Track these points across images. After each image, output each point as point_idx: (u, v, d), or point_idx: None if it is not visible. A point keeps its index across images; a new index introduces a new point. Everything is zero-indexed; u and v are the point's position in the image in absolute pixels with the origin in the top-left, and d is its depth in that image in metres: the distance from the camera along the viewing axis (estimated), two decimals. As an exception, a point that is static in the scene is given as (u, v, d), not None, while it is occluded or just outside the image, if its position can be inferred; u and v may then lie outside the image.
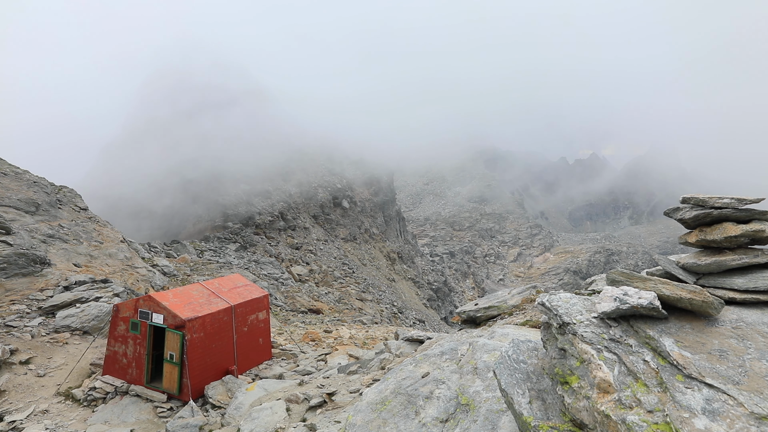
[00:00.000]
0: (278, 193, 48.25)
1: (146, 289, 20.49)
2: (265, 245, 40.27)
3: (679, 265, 3.93)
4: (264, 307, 13.94)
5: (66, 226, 20.55)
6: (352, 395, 8.70)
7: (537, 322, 7.56)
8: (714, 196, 3.72)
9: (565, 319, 3.58)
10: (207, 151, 46.47)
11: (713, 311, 3.30)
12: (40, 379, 11.79)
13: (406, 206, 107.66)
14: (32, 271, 15.92)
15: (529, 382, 3.77)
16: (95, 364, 12.48)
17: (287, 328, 20.75)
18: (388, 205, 64.15)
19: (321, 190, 53.57)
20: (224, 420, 9.48)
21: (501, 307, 9.40)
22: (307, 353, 15.18)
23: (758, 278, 3.54)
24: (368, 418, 5.23)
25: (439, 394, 5.27)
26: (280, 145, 55.23)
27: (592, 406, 3.02)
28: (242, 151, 49.68)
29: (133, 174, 41.61)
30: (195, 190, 42.33)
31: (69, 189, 24.55)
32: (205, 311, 11.64)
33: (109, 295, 15.73)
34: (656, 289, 3.44)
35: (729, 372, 2.88)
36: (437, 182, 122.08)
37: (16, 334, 13.01)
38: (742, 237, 3.56)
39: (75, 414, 10.76)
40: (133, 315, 11.58)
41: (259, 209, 43.82)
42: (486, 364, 5.57)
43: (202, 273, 28.29)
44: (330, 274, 41.38)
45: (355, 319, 29.06)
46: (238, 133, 51.24)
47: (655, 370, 3.01)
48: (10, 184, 20.34)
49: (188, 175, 43.06)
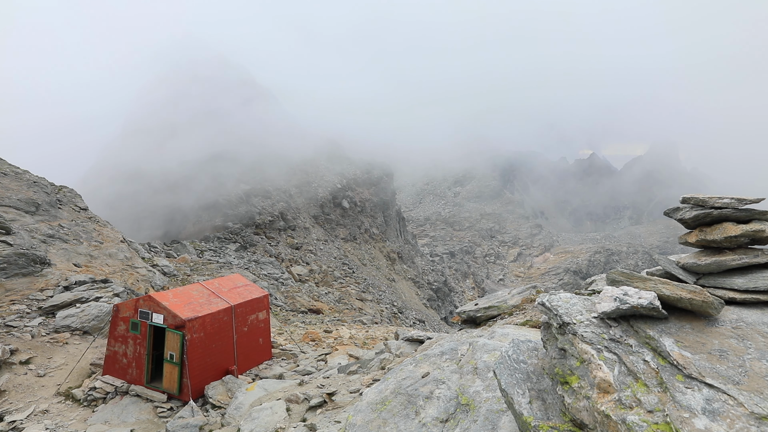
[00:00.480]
0: (278, 193, 48.25)
1: (146, 289, 20.50)
2: (265, 245, 40.27)
3: (679, 265, 3.93)
4: (264, 307, 13.94)
5: (66, 226, 20.55)
6: (352, 395, 8.70)
7: (537, 322, 7.56)
8: (714, 196, 3.72)
9: (565, 319, 3.58)
10: (207, 151, 46.47)
11: (713, 311, 3.30)
12: (40, 379, 11.80)
13: (406, 206, 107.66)
14: (32, 271, 15.92)
15: (529, 382, 3.77)
16: (95, 364, 12.48)
17: (287, 328, 20.75)
18: (388, 205, 64.16)
19: (321, 190, 53.58)
20: (224, 420, 9.49)
21: (501, 307, 9.40)
22: (307, 353, 15.18)
23: (758, 278, 3.54)
24: (368, 418, 5.23)
25: (439, 394, 5.27)
26: (280, 145, 55.24)
27: (592, 406, 3.02)
28: (242, 151, 49.69)
29: (133, 174, 41.62)
30: (195, 189, 42.33)
31: (69, 189, 24.55)
32: (205, 311, 11.64)
33: (109, 295, 15.73)
34: (656, 289, 3.44)
35: (729, 372, 2.88)
36: (437, 182, 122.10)
37: (16, 334, 13.01)
38: (742, 237, 3.56)
39: (75, 414, 10.76)
40: (133, 315, 11.58)
41: (259, 209, 43.82)
42: (486, 364, 5.57)
43: (202, 273, 28.29)
44: (330, 274, 41.38)
45: (355, 319, 29.06)
46: (239, 133, 51.24)
47: (655, 370, 3.01)
48: (10, 184, 20.34)
49: (188, 175, 43.07)
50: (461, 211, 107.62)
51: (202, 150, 46.12)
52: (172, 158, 43.72)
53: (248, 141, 51.22)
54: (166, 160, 43.38)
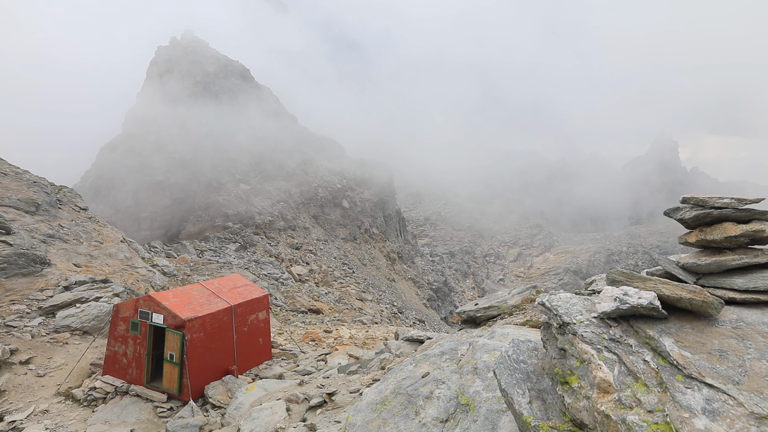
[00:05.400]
0: (278, 193, 48.27)
1: (146, 289, 20.50)
2: (265, 245, 40.28)
3: (679, 265, 3.93)
4: (264, 307, 13.94)
5: (66, 226, 20.55)
6: (352, 395, 8.70)
7: (537, 322, 7.56)
8: (714, 196, 3.72)
9: (565, 319, 3.58)
10: (207, 150, 46.47)
11: (713, 311, 3.30)
12: (40, 379, 11.80)
13: (406, 206, 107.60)
14: (32, 271, 15.92)
15: (529, 382, 3.77)
16: (95, 364, 12.48)
17: (287, 328, 20.76)
18: (388, 205, 64.12)
19: (321, 190, 53.57)
20: (224, 420, 9.49)
21: (501, 307, 9.39)
22: (307, 353, 15.18)
23: (758, 278, 3.54)
24: (368, 418, 5.23)
25: (439, 394, 5.27)
26: (280, 144, 55.23)
27: (592, 406, 3.02)
28: (243, 151, 49.70)
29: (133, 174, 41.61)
30: (195, 189, 42.35)
31: (69, 189, 24.57)
32: (205, 311, 11.64)
33: (109, 295, 15.74)
34: (656, 289, 3.44)
35: (729, 372, 2.88)
36: (437, 182, 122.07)
37: (16, 334, 13.01)
38: (742, 237, 3.56)
39: (75, 414, 10.76)
40: (133, 315, 11.58)
41: (259, 209, 43.84)
42: (486, 364, 5.57)
43: (202, 273, 28.30)
44: (330, 274, 41.37)
45: (355, 319, 29.05)
46: (239, 133, 51.25)
47: (655, 370, 3.01)
48: (10, 184, 20.34)
49: (188, 175, 43.07)
50: (461, 211, 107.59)
51: (202, 150, 46.12)
52: (172, 158, 43.71)
53: (248, 141, 51.22)
54: (166, 159, 43.37)
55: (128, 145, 44.64)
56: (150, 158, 43.06)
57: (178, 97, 50.65)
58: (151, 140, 44.77)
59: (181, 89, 51.93)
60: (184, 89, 52.06)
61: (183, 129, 46.75)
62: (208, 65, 57.10)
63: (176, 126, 46.65)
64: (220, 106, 53.21)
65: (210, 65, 57.27)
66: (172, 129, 46.14)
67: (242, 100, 57.28)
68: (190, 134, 46.60)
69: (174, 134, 45.71)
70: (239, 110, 55.12)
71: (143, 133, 45.53)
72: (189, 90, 52.38)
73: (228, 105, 54.53)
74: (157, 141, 44.78)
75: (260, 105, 59.48)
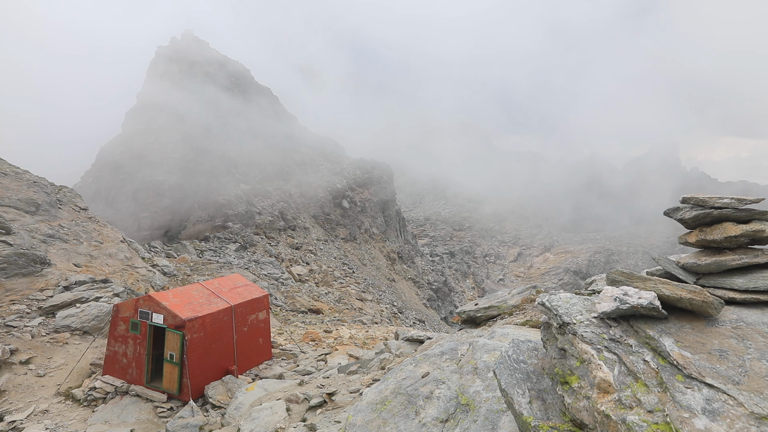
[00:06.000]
0: (278, 193, 48.27)
1: (146, 289, 20.49)
2: (265, 245, 40.27)
3: (679, 265, 3.93)
4: (264, 307, 13.94)
5: (66, 226, 20.55)
6: (352, 395, 8.70)
7: (537, 322, 7.56)
8: (714, 196, 3.72)
9: (565, 319, 3.58)
10: (207, 150, 46.46)
11: (713, 311, 3.30)
12: (40, 379, 11.80)
13: (406, 206, 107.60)
14: (32, 271, 15.92)
15: (529, 382, 3.77)
16: (95, 364, 12.48)
17: (287, 328, 20.76)
18: (388, 205, 64.12)
19: (321, 190, 53.57)
20: (224, 420, 9.49)
21: (501, 307, 9.39)
22: (307, 353, 15.18)
23: (758, 278, 3.54)
24: (368, 418, 5.23)
25: (439, 394, 5.27)
26: (280, 144, 55.22)
27: (592, 406, 3.02)
28: (243, 151, 49.68)
29: (133, 173, 41.61)
30: (195, 190, 42.31)
31: (69, 189, 24.57)
32: (205, 311, 11.64)
33: (109, 295, 15.74)
34: (656, 289, 3.44)
35: (729, 372, 2.88)
36: (437, 182, 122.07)
37: (16, 334, 13.01)
38: (742, 237, 3.56)
39: (75, 414, 10.76)
40: (133, 315, 11.58)
41: (259, 209, 43.84)
42: (486, 364, 5.57)
43: (202, 273, 28.30)
44: (330, 274, 41.37)
45: (355, 319, 29.05)
46: (239, 133, 51.26)
47: (655, 370, 3.01)
48: (10, 184, 20.34)
49: (189, 175, 43.04)
50: (461, 211, 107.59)
51: (202, 150, 46.11)
52: (172, 158, 43.71)
53: (249, 141, 51.22)
54: (166, 159, 43.36)
55: (128, 144, 44.63)
56: (150, 158, 43.05)
57: (178, 97, 50.63)
58: (151, 140, 44.76)
59: (181, 89, 51.91)
60: (184, 89, 52.04)
61: (183, 129, 46.74)
62: (208, 65, 57.09)
63: (176, 126, 46.64)
64: (221, 106, 53.21)
65: (210, 65, 57.26)
66: (172, 129, 46.13)
67: (242, 100, 57.29)
68: (190, 134, 46.59)
69: (174, 134, 45.70)
70: (239, 110, 55.13)
71: (143, 132, 45.51)
72: (189, 90, 52.36)
73: (228, 105, 54.52)
74: (157, 141, 44.77)
75: (260, 105, 59.48)
